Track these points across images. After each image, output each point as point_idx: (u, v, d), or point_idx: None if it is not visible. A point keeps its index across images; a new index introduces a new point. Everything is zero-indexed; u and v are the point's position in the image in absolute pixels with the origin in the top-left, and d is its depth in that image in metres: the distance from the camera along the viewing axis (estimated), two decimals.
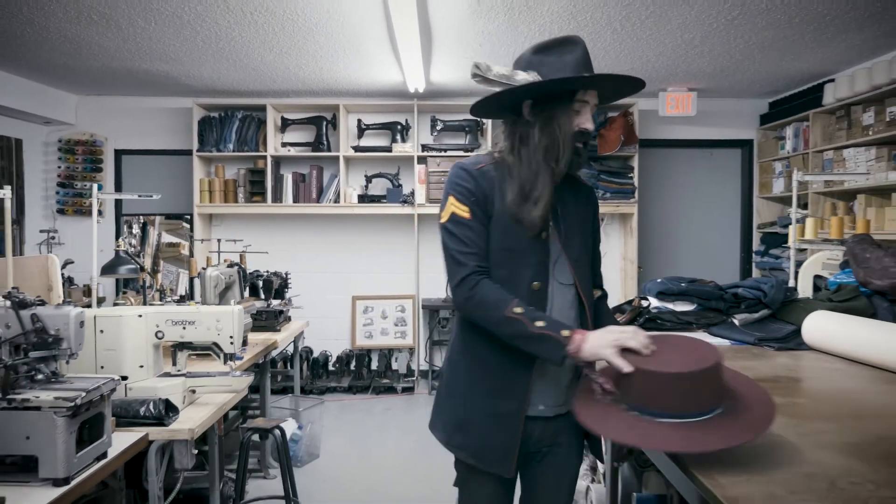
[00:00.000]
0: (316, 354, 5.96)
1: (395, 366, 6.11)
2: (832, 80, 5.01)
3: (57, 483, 1.68)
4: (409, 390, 5.83)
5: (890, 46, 4.36)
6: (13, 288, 1.75)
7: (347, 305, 6.14)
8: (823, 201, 5.23)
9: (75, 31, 4.05)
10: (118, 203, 6.14)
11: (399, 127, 5.91)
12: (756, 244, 6.20)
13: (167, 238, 6.60)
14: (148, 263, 6.38)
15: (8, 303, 1.73)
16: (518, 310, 1.56)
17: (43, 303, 1.77)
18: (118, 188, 6.13)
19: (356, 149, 5.89)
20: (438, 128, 5.86)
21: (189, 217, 6.02)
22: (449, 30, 4.05)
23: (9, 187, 2.43)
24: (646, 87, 1.64)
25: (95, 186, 2.93)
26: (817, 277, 3.52)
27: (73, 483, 1.71)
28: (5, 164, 5.53)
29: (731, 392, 1.40)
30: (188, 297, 4.51)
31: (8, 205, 2.41)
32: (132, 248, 6.29)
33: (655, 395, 1.34)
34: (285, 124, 5.93)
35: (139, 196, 3.16)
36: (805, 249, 4.48)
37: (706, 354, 1.39)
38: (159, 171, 6.15)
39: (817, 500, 1.17)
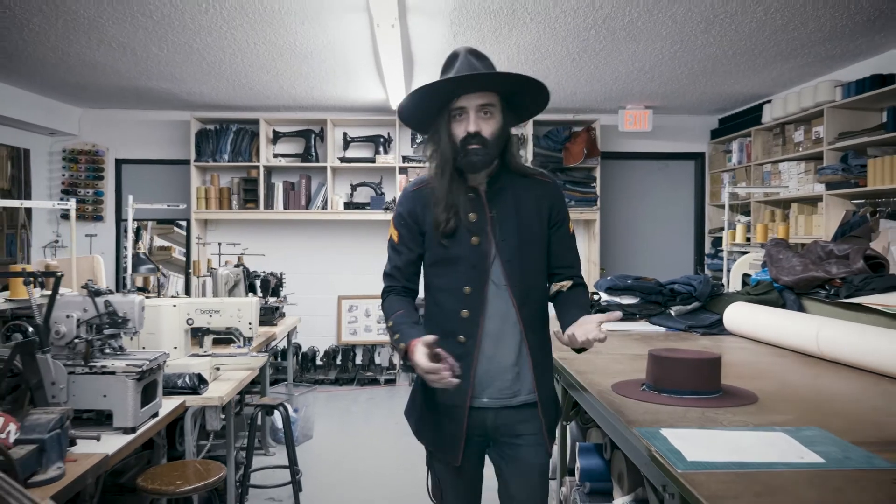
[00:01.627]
0: (305, 349, 6.43)
1: (377, 360, 6.60)
2: (769, 101, 5.63)
3: (126, 431, 2.16)
4: (391, 382, 6.33)
5: (814, 74, 4.97)
6: (89, 280, 2.22)
7: (334, 304, 6.62)
8: (764, 209, 5.84)
9: (93, 56, 4.51)
10: (119, 209, 6.55)
11: (382, 140, 6.42)
12: (707, 247, 6.81)
13: (158, 242, 7.03)
14: None
15: (86, 291, 2.21)
16: (389, 323, 1.82)
17: (112, 292, 2.25)
18: (118, 195, 6.55)
19: (342, 160, 6.39)
20: (418, 141, 6.38)
21: (186, 222, 6.46)
22: (429, 57, 4.57)
23: (73, 199, 2.89)
24: (548, 95, 1.83)
25: (130, 197, 3.40)
26: (745, 275, 4.09)
27: (138, 433, 2.19)
28: (15, 173, 5.94)
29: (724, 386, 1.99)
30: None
31: (73, 213, 2.87)
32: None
33: (678, 376, 1.91)
34: (276, 137, 6.41)
35: (168, 206, 3.62)
36: (748, 252, 5.08)
37: (708, 357, 1.96)
38: (158, 180, 6.58)
39: (685, 422, 1.71)
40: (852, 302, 2.87)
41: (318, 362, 6.48)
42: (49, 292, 2.16)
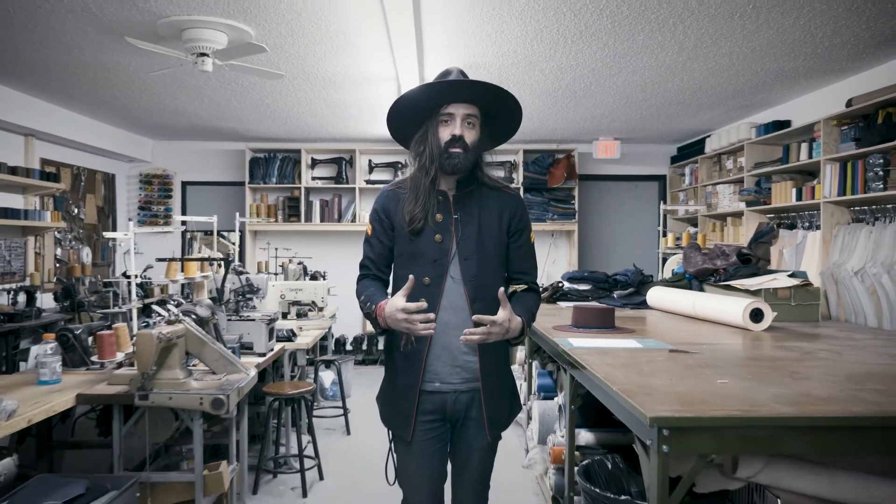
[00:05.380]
0: (337, 336, 7.84)
1: None
2: (710, 136, 7.05)
3: (260, 355, 3.57)
4: None
5: (738, 117, 6.40)
6: (238, 264, 3.64)
7: None
8: (708, 221, 7.25)
9: (185, 107, 5.97)
10: (184, 222, 8.00)
11: (400, 165, 7.86)
12: None
13: (205, 251, 8.46)
14: None
15: (234, 271, 3.64)
16: (362, 297, 1.98)
17: (249, 272, 3.67)
18: (184, 212, 8.01)
19: (368, 181, 7.84)
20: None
21: (240, 234, 7.88)
22: None
23: (216, 216, 4.32)
24: (520, 106, 2.04)
25: (237, 214, 4.82)
26: (673, 270, 5.49)
27: (266, 357, 3.60)
28: (107, 194, 7.40)
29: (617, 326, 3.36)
30: None
31: (214, 225, 4.29)
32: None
33: (587, 317, 3.28)
34: (314, 163, 7.87)
35: (259, 219, 5.04)
36: (677, 253, 6.47)
37: (607, 307, 3.34)
38: (217, 198, 8.03)
39: (585, 339, 3.11)
40: (726, 284, 4.28)
41: (349, 347, 7.89)
42: (208, 273, 3.58)
